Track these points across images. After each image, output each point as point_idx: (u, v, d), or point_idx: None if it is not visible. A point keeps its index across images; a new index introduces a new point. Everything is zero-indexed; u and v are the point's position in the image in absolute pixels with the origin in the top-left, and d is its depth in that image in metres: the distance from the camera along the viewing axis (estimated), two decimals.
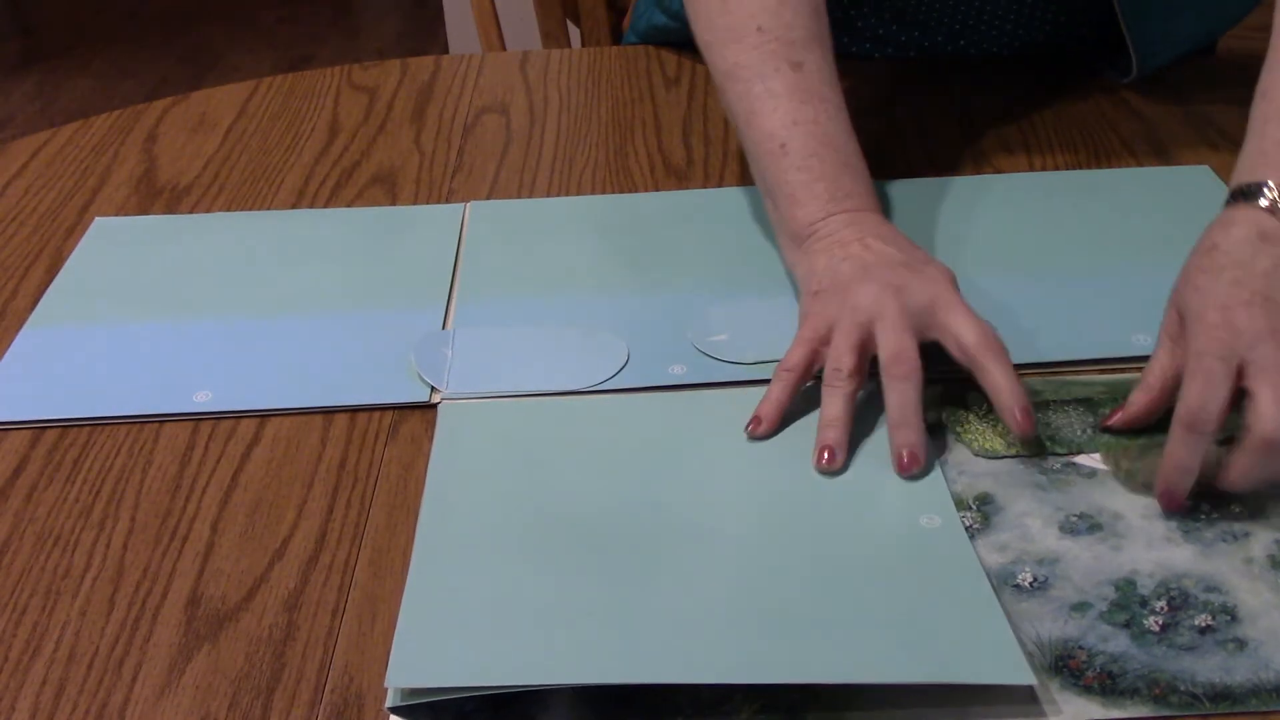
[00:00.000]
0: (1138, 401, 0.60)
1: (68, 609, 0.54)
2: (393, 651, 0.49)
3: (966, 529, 0.55)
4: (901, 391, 0.59)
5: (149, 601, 0.54)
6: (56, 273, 0.77)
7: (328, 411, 0.65)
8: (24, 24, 3.45)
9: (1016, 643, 0.49)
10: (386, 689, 0.49)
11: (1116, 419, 0.60)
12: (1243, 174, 0.61)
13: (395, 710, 0.48)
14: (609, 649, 0.49)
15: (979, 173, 0.85)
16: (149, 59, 3.18)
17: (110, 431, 0.64)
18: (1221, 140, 0.88)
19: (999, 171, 0.85)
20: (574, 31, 1.34)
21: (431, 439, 0.62)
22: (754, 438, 0.61)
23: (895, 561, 0.53)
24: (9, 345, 0.70)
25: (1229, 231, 0.59)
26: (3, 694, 0.50)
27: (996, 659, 0.48)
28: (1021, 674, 0.47)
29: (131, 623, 0.53)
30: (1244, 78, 0.99)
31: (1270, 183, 0.59)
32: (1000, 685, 0.47)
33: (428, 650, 0.49)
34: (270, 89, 1.02)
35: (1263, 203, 0.59)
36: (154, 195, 0.86)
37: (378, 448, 0.62)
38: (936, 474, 0.58)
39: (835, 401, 0.60)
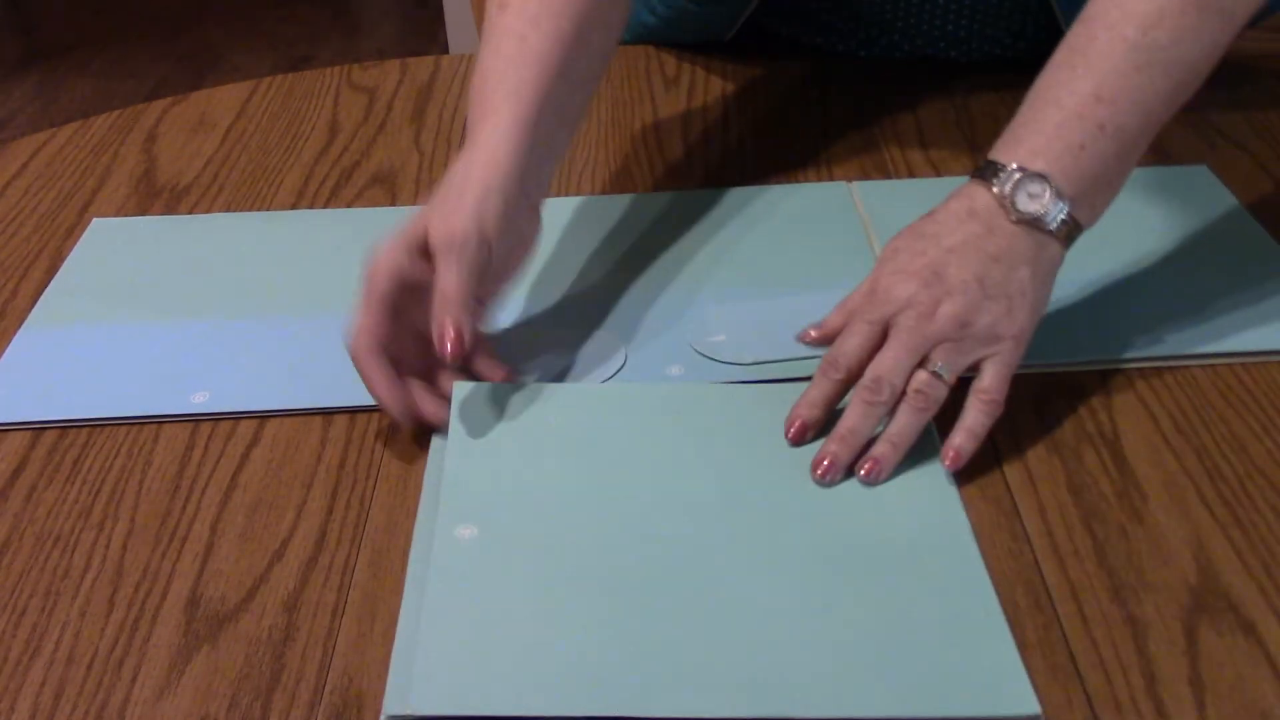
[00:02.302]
0: (829, 324, 0.62)
1: (67, 610, 0.54)
2: (390, 676, 0.49)
3: None
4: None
5: (148, 602, 0.54)
6: (56, 272, 0.77)
7: (327, 412, 0.65)
8: (24, 24, 3.45)
9: (1022, 668, 0.49)
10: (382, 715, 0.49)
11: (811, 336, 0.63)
12: (994, 152, 0.62)
13: None
14: (601, 676, 0.49)
15: None
16: (149, 59, 3.17)
17: (110, 432, 0.64)
18: (1220, 139, 0.88)
19: None
20: None
21: (431, 439, 0.62)
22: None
23: (900, 578, 0.53)
24: (8, 345, 0.70)
25: (948, 203, 0.62)
26: (2, 694, 0.50)
27: (999, 686, 0.48)
28: (1026, 704, 0.47)
29: (131, 623, 0.53)
30: (1243, 77, 0.99)
31: (1011, 165, 0.60)
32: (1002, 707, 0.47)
33: (425, 674, 0.49)
34: (270, 89, 1.02)
35: (995, 186, 0.60)
36: (154, 195, 0.86)
37: (377, 448, 0.62)
38: (950, 489, 0.58)
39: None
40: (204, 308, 0.73)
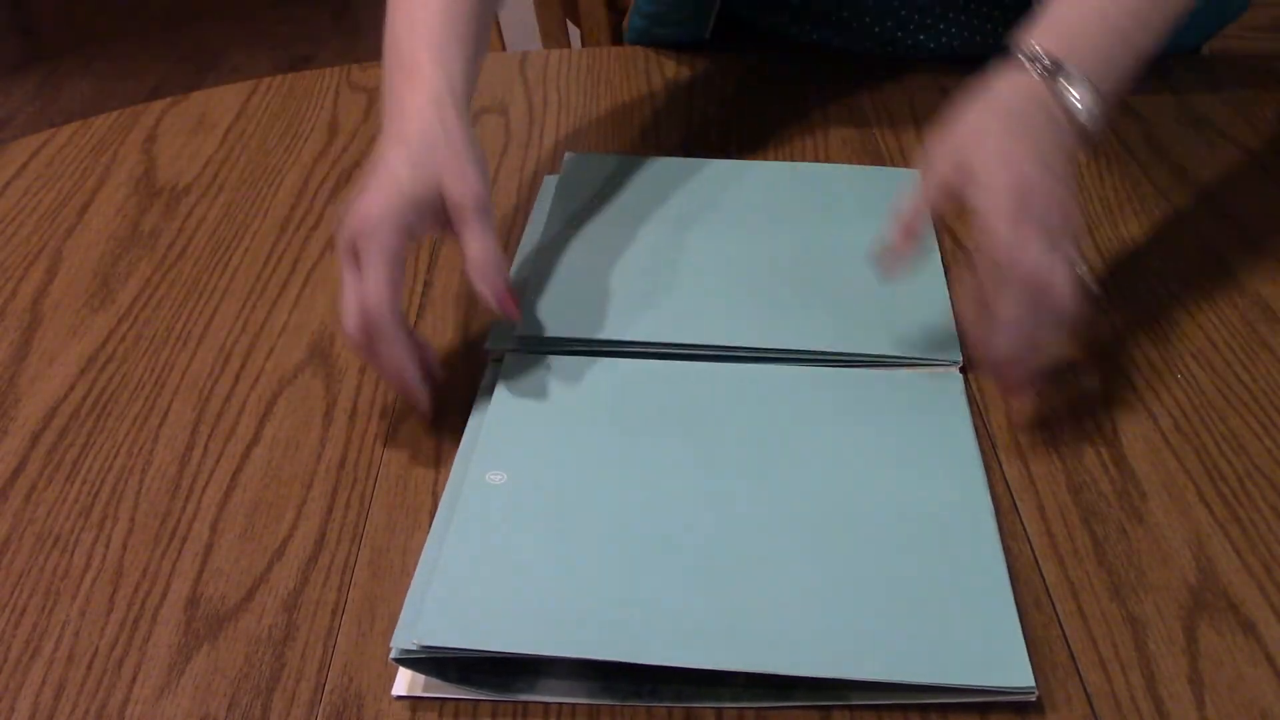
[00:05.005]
0: (901, 246, 0.62)
1: (67, 609, 0.54)
2: (402, 615, 0.50)
3: None
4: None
5: (148, 602, 0.54)
6: (57, 274, 0.77)
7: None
8: (24, 24, 3.45)
9: (1022, 643, 0.49)
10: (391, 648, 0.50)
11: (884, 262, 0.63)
12: (1036, 40, 0.63)
13: (400, 661, 0.49)
14: (609, 623, 0.50)
15: None
16: (149, 59, 3.17)
17: (110, 431, 0.64)
18: (1220, 140, 0.88)
19: None
20: (574, 31, 1.34)
21: (431, 437, 0.62)
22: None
23: (914, 547, 0.54)
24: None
25: (1027, 99, 0.61)
26: (2, 694, 0.50)
27: (998, 659, 0.48)
28: (1021, 676, 0.48)
29: (131, 623, 0.53)
30: (1243, 78, 0.99)
31: (1065, 62, 0.61)
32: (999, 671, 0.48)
33: (437, 608, 0.50)
34: (270, 89, 1.02)
35: (1060, 78, 0.61)
36: (153, 195, 0.86)
37: (377, 448, 0.62)
38: (977, 467, 0.58)
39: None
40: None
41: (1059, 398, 0.64)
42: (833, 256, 0.73)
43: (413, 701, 0.49)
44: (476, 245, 0.59)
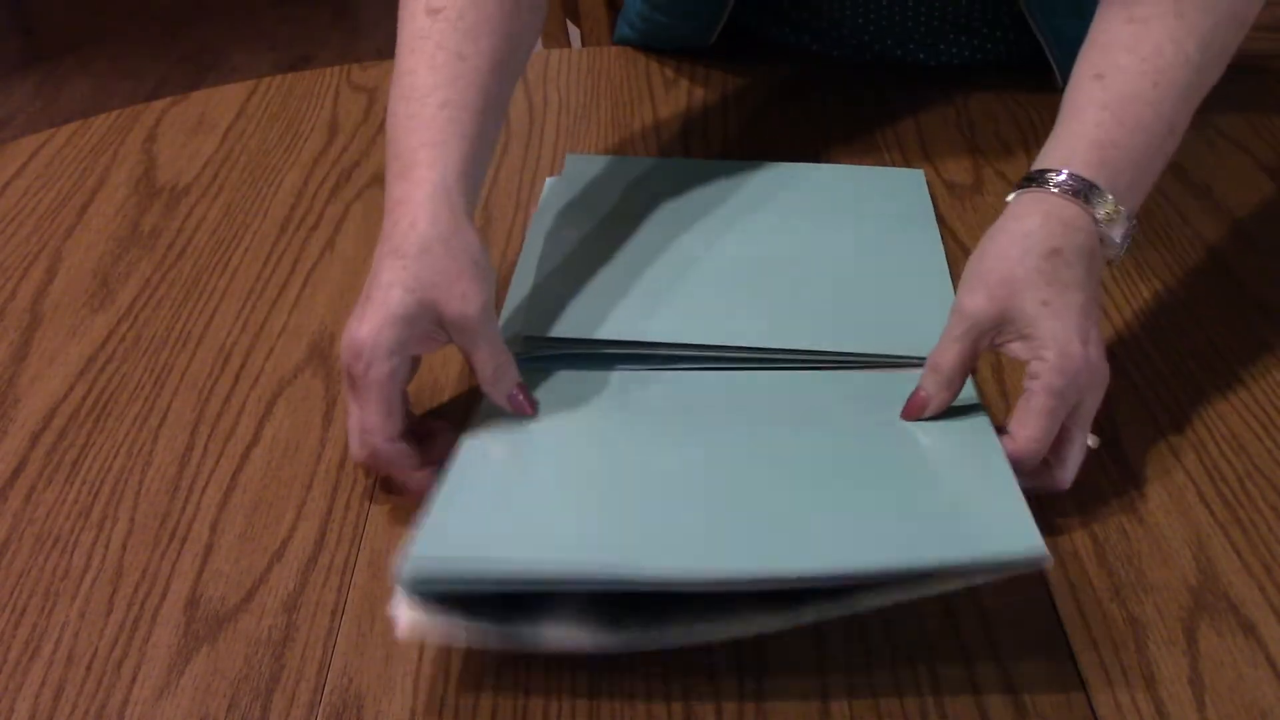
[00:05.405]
0: (940, 398, 0.58)
1: (66, 610, 0.54)
2: (414, 543, 0.49)
3: None
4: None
5: (148, 602, 0.54)
6: (56, 274, 0.77)
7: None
8: (24, 24, 3.45)
9: (1027, 511, 0.50)
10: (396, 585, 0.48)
11: (915, 412, 0.59)
12: (1081, 164, 0.59)
13: (405, 593, 0.48)
14: (615, 548, 0.50)
15: (979, 173, 0.85)
16: (149, 59, 3.17)
17: (110, 431, 0.64)
18: (1220, 139, 0.88)
19: (1000, 174, 0.85)
20: (574, 31, 1.34)
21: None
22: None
23: (916, 456, 0.56)
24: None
25: (1071, 236, 0.57)
26: (2, 694, 0.50)
27: (1003, 530, 0.49)
28: (1030, 543, 0.48)
29: (130, 624, 0.53)
30: (1243, 78, 0.99)
31: (1108, 192, 0.58)
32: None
33: (435, 530, 0.50)
34: (270, 89, 1.02)
35: (1100, 211, 0.57)
36: (153, 195, 0.86)
37: None
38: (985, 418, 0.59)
39: None
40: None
41: None
42: (834, 257, 0.73)
43: (413, 704, 0.49)
44: (484, 360, 0.59)
